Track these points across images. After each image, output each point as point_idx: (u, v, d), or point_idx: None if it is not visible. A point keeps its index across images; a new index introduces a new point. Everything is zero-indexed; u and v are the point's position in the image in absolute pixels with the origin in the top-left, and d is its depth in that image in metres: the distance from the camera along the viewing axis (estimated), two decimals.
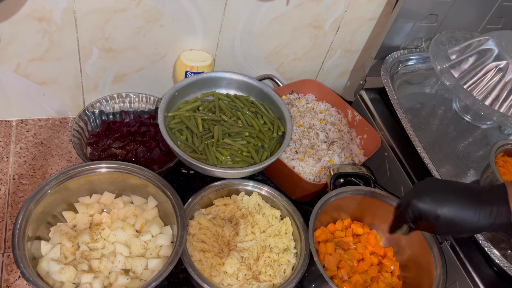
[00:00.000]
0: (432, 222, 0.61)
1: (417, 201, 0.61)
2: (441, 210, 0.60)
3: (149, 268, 0.76)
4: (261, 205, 0.89)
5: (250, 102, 0.97)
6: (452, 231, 0.61)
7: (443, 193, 0.61)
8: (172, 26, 0.91)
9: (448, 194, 0.61)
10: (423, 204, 0.61)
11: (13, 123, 0.98)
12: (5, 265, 0.78)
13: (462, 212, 0.59)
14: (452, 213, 0.59)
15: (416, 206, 0.62)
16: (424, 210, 0.61)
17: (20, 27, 0.81)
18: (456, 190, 0.61)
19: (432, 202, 0.61)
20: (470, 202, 0.59)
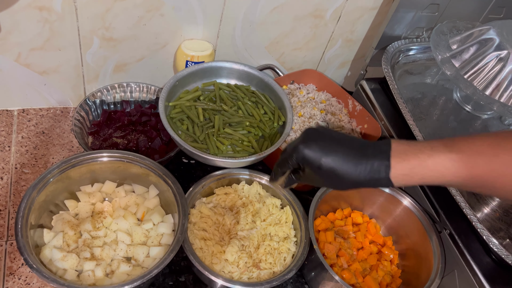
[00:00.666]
0: (314, 170, 0.59)
1: (304, 147, 0.60)
2: (326, 158, 0.58)
3: (151, 256, 0.77)
4: (261, 194, 0.89)
5: (250, 92, 0.97)
6: (332, 182, 0.60)
7: (331, 143, 0.59)
8: (172, 15, 0.91)
9: (335, 144, 0.59)
10: (309, 150, 0.59)
11: (15, 112, 0.99)
12: (9, 253, 0.79)
13: (345, 164, 0.57)
14: (336, 163, 0.58)
15: (302, 151, 0.60)
16: (308, 156, 0.59)
17: (21, 16, 0.81)
18: (343, 141, 0.60)
19: (318, 149, 0.59)
20: (355, 154, 0.58)
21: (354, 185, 0.59)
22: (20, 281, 0.76)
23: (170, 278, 0.81)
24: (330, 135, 0.61)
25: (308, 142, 0.60)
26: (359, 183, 0.58)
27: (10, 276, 0.76)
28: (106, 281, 0.73)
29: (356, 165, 0.57)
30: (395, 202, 0.89)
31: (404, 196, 0.88)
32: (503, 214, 0.84)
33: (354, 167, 0.57)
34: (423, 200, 0.87)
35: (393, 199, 0.89)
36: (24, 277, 0.76)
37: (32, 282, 0.76)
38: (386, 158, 0.56)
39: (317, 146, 0.59)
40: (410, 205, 0.87)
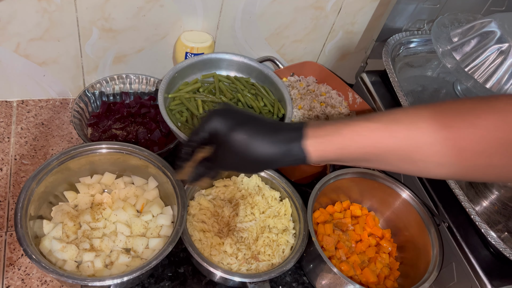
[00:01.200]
0: (225, 145, 0.54)
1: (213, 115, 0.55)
2: (240, 128, 0.53)
3: (150, 247, 0.77)
4: (260, 187, 0.90)
5: (250, 84, 0.97)
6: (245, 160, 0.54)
7: (244, 116, 0.56)
8: (172, 6, 0.90)
9: (248, 117, 0.55)
10: (222, 119, 0.54)
11: (14, 103, 0.99)
12: (8, 244, 0.79)
13: (259, 135, 0.53)
14: (249, 134, 0.53)
15: (211, 119, 0.55)
16: (221, 126, 0.54)
17: (19, 6, 0.81)
18: (256, 116, 0.56)
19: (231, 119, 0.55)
20: (269, 127, 0.54)
21: (268, 161, 0.54)
22: (20, 271, 0.76)
23: (169, 269, 0.81)
24: (243, 110, 0.58)
25: (221, 112, 0.55)
26: (273, 157, 0.53)
27: (10, 266, 0.76)
28: (105, 272, 0.73)
29: (271, 136, 0.53)
30: (394, 195, 0.89)
31: (403, 189, 0.88)
32: (501, 207, 0.84)
33: (268, 138, 0.53)
34: (422, 193, 0.87)
35: (392, 192, 0.89)
36: (24, 268, 0.77)
37: (31, 273, 0.76)
38: (299, 128, 0.53)
39: (230, 117, 0.55)
40: (409, 198, 0.87)
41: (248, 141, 0.53)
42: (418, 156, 0.49)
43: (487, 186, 0.85)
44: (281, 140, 0.53)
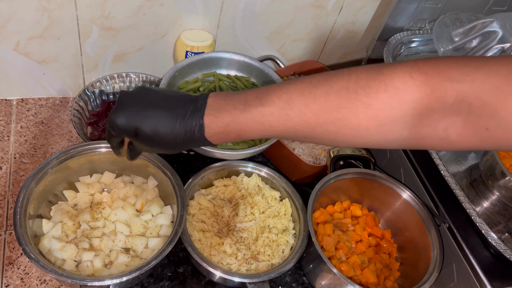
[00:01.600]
0: (133, 139, 0.57)
1: (115, 118, 0.56)
2: (140, 125, 0.55)
3: (149, 247, 0.77)
4: (260, 187, 0.89)
5: (251, 83, 0.97)
6: (154, 146, 0.57)
7: (145, 107, 0.56)
8: (172, 4, 0.90)
9: (149, 108, 0.55)
10: (121, 120, 0.56)
11: (14, 102, 0.98)
12: (8, 243, 0.79)
13: (160, 128, 0.54)
14: (150, 129, 0.54)
15: (114, 122, 0.56)
16: (121, 126, 0.56)
17: (19, 4, 0.80)
18: (159, 103, 0.56)
19: (130, 117, 0.55)
20: (170, 116, 0.54)
21: (176, 147, 0.56)
22: (19, 270, 0.76)
23: (169, 269, 0.81)
24: (146, 97, 0.57)
25: (118, 111, 0.56)
26: (179, 144, 0.55)
27: (9, 265, 0.76)
28: (105, 272, 0.73)
29: (172, 128, 0.54)
30: (395, 195, 0.89)
31: (403, 190, 0.88)
32: (502, 208, 0.84)
33: (170, 130, 0.54)
34: (423, 194, 0.87)
35: (393, 192, 0.89)
36: (23, 267, 0.77)
37: (31, 272, 0.76)
38: (200, 117, 0.53)
39: (129, 114, 0.56)
40: (409, 198, 0.87)
41: (152, 136, 0.55)
42: (314, 135, 0.50)
43: (488, 187, 0.84)
44: (183, 131, 0.54)
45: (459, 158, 0.92)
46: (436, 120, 0.44)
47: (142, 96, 0.57)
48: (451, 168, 0.88)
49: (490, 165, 0.83)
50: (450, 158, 0.91)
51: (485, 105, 0.41)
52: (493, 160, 0.82)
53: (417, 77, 0.44)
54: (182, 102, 0.55)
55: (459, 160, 0.91)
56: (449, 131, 0.44)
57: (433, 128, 0.45)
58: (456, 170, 0.90)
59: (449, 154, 0.92)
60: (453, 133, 0.44)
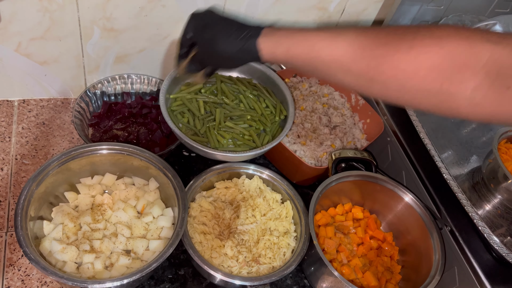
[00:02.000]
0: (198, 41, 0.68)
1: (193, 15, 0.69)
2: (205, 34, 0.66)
3: (150, 249, 0.77)
4: (262, 189, 0.89)
5: (252, 85, 0.96)
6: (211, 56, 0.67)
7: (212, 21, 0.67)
8: (174, 6, 0.90)
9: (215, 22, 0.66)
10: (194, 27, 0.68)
11: (15, 103, 0.98)
12: (8, 244, 0.79)
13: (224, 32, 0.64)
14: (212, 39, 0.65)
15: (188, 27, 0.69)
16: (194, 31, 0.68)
17: (21, 5, 0.80)
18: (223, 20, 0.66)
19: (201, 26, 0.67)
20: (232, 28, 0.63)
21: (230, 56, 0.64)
22: (20, 272, 0.76)
23: (170, 271, 0.81)
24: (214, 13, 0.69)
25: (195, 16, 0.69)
26: (234, 51, 0.63)
27: (10, 267, 0.76)
28: (105, 274, 0.73)
29: (231, 35, 0.63)
30: (396, 198, 0.88)
31: (405, 192, 0.87)
32: (504, 211, 0.83)
33: (229, 37, 0.63)
34: (425, 197, 0.86)
35: (394, 195, 0.88)
36: (24, 269, 0.77)
37: (31, 274, 0.76)
38: (259, 28, 0.62)
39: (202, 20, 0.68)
40: (411, 201, 0.87)
41: (213, 39, 0.65)
42: (356, 68, 0.53)
43: (490, 190, 0.84)
44: (240, 38, 0.62)
45: (462, 161, 0.91)
46: (467, 77, 0.47)
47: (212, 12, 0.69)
48: (453, 171, 0.88)
49: (492, 168, 0.83)
50: (452, 161, 0.91)
51: None
52: (495, 163, 0.81)
53: (461, 32, 0.48)
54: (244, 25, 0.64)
55: (461, 163, 0.91)
56: (476, 92, 0.47)
57: (463, 86, 0.47)
58: (458, 172, 0.89)
59: (451, 157, 0.92)
60: (479, 94, 0.47)
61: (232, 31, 0.63)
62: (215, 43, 0.65)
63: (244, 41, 0.62)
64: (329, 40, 0.55)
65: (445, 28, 0.49)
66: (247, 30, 0.62)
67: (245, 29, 0.62)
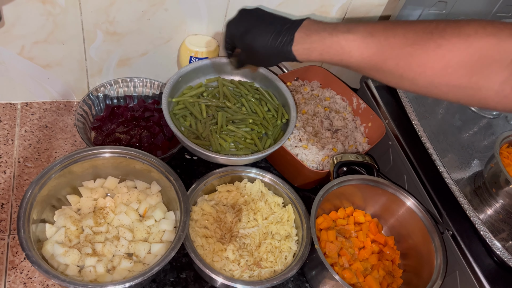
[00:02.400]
0: (238, 44, 0.73)
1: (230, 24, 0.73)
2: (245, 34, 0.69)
3: (152, 252, 0.77)
4: (263, 192, 0.89)
5: (254, 89, 0.97)
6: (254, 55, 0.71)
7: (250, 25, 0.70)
8: (177, 10, 0.90)
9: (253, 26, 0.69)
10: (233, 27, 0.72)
11: (18, 106, 0.99)
12: (11, 247, 0.79)
13: (260, 37, 0.67)
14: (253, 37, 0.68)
15: (228, 29, 0.74)
16: (233, 32, 0.72)
17: (24, 9, 0.81)
18: (266, 20, 0.69)
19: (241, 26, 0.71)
20: (270, 30, 0.67)
21: (268, 57, 0.69)
22: (22, 275, 0.76)
23: (171, 275, 0.81)
24: (257, 14, 0.72)
25: (234, 21, 0.73)
26: (271, 55, 0.67)
27: (12, 270, 0.76)
28: (107, 277, 0.73)
29: (269, 39, 0.66)
30: (398, 202, 0.89)
31: (407, 197, 0.87)
32: (506, 216, 0.83)
33: (267, 41, 0.66)
34: (426, 201, 0.86)
35: (396, 199, 0.88)
36: (26, 271, 0.77)
37: (34, 277, 0.76)
38: (293, 32, 0.64)
39: (241, 25, 0.71)
40: (413, 206, 0.87)
41: (251, 45, 0.69)
42: (385, 67, 0.56)
43: (491, 195, 0.84)
44: (275, 44, 0.66)
45: (463, 165, 0.91)
46: (495, 72, 0.48)
47: (254, 13, 0.72)
48: (455, 175, 0.87)
49: (494, 173, 0.83)
50: (454, 165, 0.91)
51: None
52: (497, 168, 0.81)
53: (489, 29, 0.49)
54: (284, 21, 0.67)
55: (462, 167, 0.91)
56: (505, 85, 0.48)
57: (491, 80, 0.49)
58: (459, 177, 0.89)
59: (453, 161, 0.91)
60: (508, 87, 0.48)
61: (267, 38, 0.66)
62: (253, 51, 0.69)
63: (280, 48, 0.65)
64: (359, 42, 0.57)
65: (473, 25, 0.50)
66: (281, 36, 0.65)
67: (279, 35, 0.66)
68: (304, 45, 0.63)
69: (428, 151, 0.85)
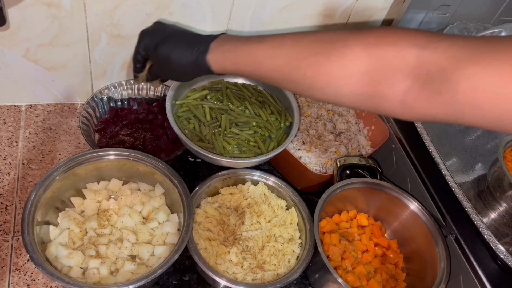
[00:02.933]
0: (152, 56, 0.72)
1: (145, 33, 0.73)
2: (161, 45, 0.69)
3: (156, 255, 0.77)
4: (267, 195, 0.89)
5: (258, 92, 0.97)
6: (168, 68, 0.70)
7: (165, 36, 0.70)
8: (181, 13, 0.90)
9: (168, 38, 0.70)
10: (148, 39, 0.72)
11: (22, 108, 0.99)
12: (15, 249, 0.79)
13: (176, 48, 0.68)
14: (168, 48, 0.68)
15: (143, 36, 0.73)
16: (147, 44, 0.72)
17: (29, 12, 0.81)
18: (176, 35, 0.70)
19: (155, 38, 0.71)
20: (186, 42, 0.67)
21: (185, 70, 0.68)
22: (25, 277, 0.76)
23: (174, 277, 0.81)
24: (171, 28, 0.73)
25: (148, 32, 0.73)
26: (186, 65, 0.67)
27: (15, 271, 0.77)
28: (111, 279, 0.73)
29: (185, 50, 0.66)
30: (401, 206, 0.88)
31: (410, 200, 0.87)
32: (510, 220, 0.83)
33: (183, 52, 0.67)
34: (430, 204, 0.86)
35: (399, 202, 0.88)
36: (30, 273, 0.77)
37: (37, 278, 0.77)
38: (208, 43, 0.65)
39: (155, 35, 0.71)
40: (416, 209, 0.87)
41: (166, 58, 0.69)
42: (294, 77, 0.56)
43: (495, 199, 0.84)
44: (191, 53, 0.66)
45: (467, 168, 0.91)
46: (398, 81, 0.48)
47: (164, 26, 0.74)
48: (458, 179, 0.87)
49: (498, 177, 0.83)
50: (457, 168, 0.91)
51: (441, 70, 0.45)
52: (501, 172, 0.81)
53: (389, 37, 0.49)
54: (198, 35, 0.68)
55: (466, 171, 0.91)
56: (408, 95, 0.48)
57: (394, 90, 0.49)
58: (463, 180, 0.89)
59: (456, 164, 0.91)
60: (410, 97, 0.48)
61: (183, 48, 0.67)
62: (168, 62, 0.69)
63: (195, 57, 0.65)
64: (269, 51, 0.58)
65: (375, 34, 0.50)
66: (197, 46, 0.66)
67: (195, 45, 0.66)
68: (218, 54, 0.64)
69: (432, 155, 0.85)
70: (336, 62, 0.52)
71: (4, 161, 0.89)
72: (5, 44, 0.85)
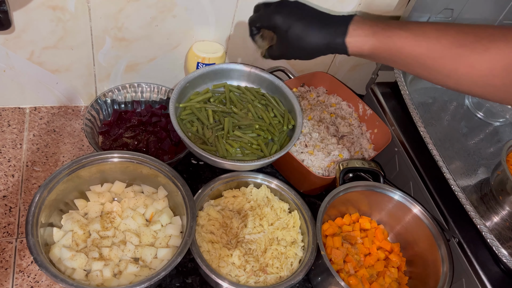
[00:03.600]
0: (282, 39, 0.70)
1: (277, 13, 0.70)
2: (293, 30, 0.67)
3: (159, 257, 0.78)
4: (269, 198, 0.89)
5: (260, 95, 0.97)
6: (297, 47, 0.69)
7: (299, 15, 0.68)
8: (185, 16, 0.91)
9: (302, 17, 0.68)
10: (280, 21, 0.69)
11: (27, 110, 1.00)
12: (18, 250, 0.80)
13: (309, 29, 0.66)
14: (300, 34, 0.67)
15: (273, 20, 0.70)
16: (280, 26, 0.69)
17: (35, 15, 0.82)
18: (309, 14, 0.69)
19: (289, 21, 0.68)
20: (319, 22, 0.67)
21: (316, 50, 0.68)
22: (29, 278, 0.77)
23: (177, 280, 0.81)
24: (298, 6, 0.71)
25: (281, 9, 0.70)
26: (320, 47, 0.67)
27: (19, 273, 0.77)
28: (114, 282, 0.73)
29: (320, 30, 0.66)
30: (404, 209, 0.88)
31: (413, 203, 0.87)
32: None
33: (317, 32, 0.66)
34: (432, 208, 0.86)
35: (402, 206, 0.88)
36: (33, 275, 0.77)
37: (41, 280, 0.77)
38: (346, 24, 0.64)
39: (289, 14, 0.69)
40: (419, 213, 0.87)
41: (301, 35, 0.67)
42: (434, 66, 0.59)
43: (498, 202, 0.84)
44: (327, 35, 0.66)
45: (470, 172, 0.91)
46: None
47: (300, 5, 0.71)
48: (461, 182, 0.87)
49: (501, 180, 0.83)
50: (460, 172, 0.91)
51: None
52: (504, 175, 0.81)
53: None
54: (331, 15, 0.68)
55: (469, 174, 0.91)
56: None
57: None
58: (466, 184, 0.89)
59: (459, 167, 0.91)
60: None
61: (317, 29, 0.66)
62: (300, 42, 0.68)
63: (332, 39, 0.65)
64: (411, 39, 0.59)
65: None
66: (333, 28, 0.65)
67: (330, 27, 0.66)
68: (357, 38, 0.64)
69: (434, 158, 0.85)
70: (479, 55, 0.54)
71: (8, 163, 0.90)
72: (10, 47, 0.86)
